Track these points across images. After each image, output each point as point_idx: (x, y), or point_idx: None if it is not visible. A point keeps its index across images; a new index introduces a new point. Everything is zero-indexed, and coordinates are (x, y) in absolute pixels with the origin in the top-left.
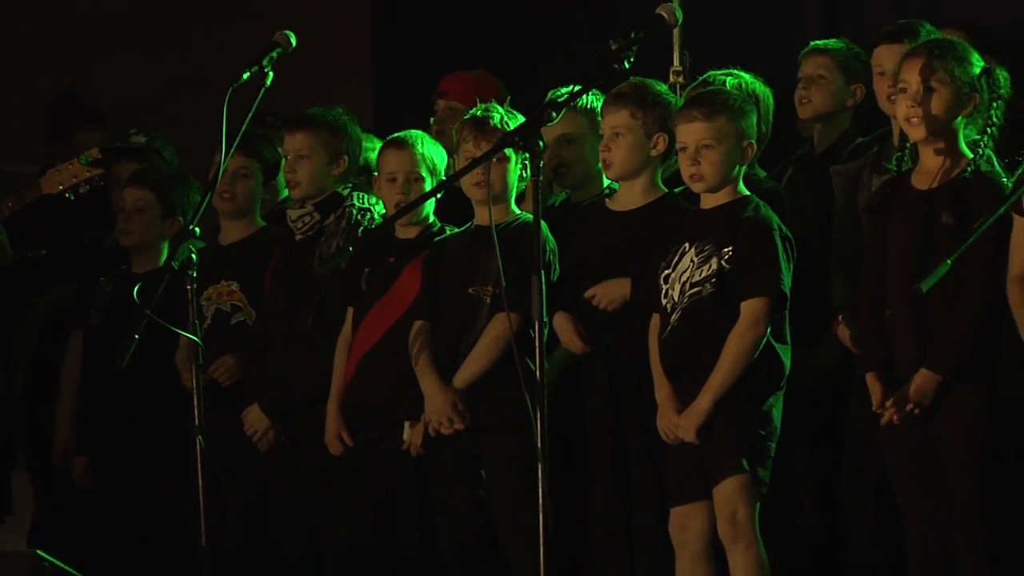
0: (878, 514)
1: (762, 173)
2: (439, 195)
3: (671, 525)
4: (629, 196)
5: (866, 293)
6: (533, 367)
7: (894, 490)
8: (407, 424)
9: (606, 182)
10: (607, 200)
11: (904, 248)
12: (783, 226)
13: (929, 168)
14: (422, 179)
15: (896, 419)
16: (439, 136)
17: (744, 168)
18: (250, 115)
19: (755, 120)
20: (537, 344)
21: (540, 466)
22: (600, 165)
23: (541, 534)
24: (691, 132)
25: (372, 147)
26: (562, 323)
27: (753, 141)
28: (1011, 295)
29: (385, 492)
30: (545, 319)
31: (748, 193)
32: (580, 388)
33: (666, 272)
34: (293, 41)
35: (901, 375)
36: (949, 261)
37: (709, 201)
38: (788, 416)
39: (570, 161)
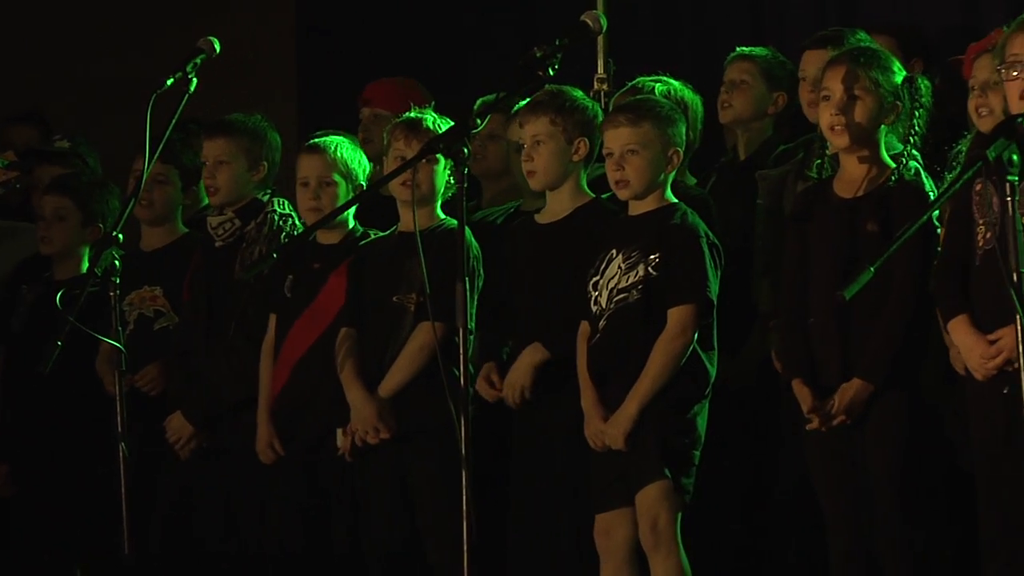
0: (801, 519)
1: (692, 180)
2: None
3: (595, 532)
4: (557, 205)
5: (788, 300)
6: (458, 375)
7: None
8: (339, 431)
9: None
10: (535, 215)
11: (827, 256)
12: (710, 233)
13: (851, 176)
14: (334, 184)
15: (824, 428)
16: (365, 144)
17: (671, 175)
18: (173, 121)
19: (683, 128)
20: (462, 352)
21: (464, 474)
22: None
23: (465, 542)
24: (617, 138)
25: None
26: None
27: (680, 149)
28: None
29: (317, 499)
30: (471, 326)
31: (675, 200)
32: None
33: (594, 279)
34: (217, 47)
35: (826, 382)
36: (872, 269)
37: (636, 208)
38: (714, 422)
39: (489, 169)
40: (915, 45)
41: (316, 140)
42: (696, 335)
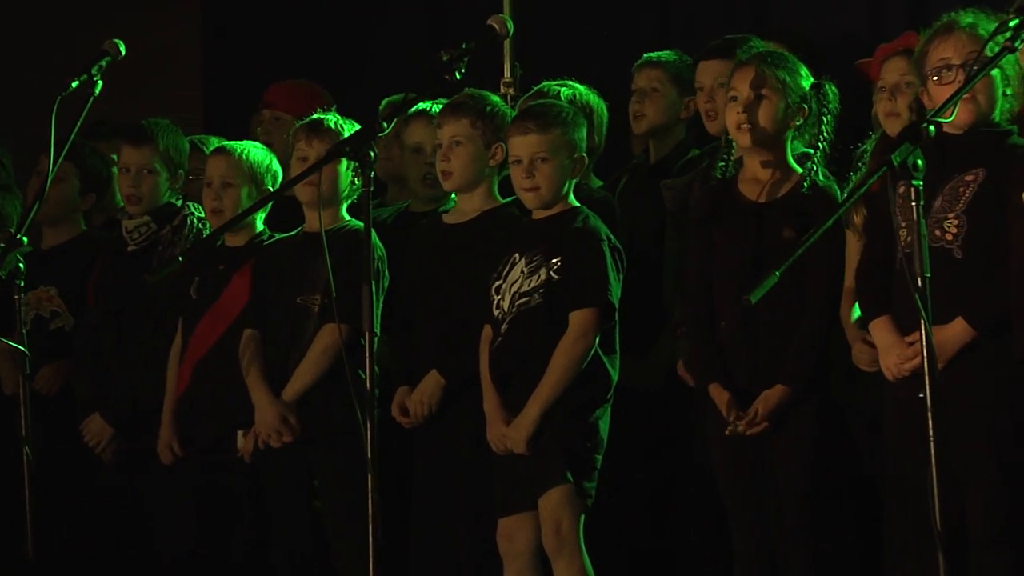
0: (707, 522)
1: (597, 183)
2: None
3: (498, 536)
4: (467, 207)
5: (695, 304)
6: (364, 377)
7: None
8: (240, 433)
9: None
10: (444, 215)
11: (734, 259)
12: (612, 237)
13: (756, 178)
14: (236, 187)
15: (748, 434)
16: (268, 147)
17: (574, 180)
18: (79, 123)
19: (585, 133)
20: (367, 354)
21: (370, 477)
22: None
23: (371, 546)
24: (526, 145)
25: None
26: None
27: (584, 154)
28: (843, 308)
29: (220, 501)
30: (376, 329)
31: (578, 204)
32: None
33: (497, 283)
34: (123, 50)
35: (736, 387)
36: (777, 273)
37: (539, 212)
38: (622, 427)
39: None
40: (807, 51)
41: (225, 143)
42: (598, 339)
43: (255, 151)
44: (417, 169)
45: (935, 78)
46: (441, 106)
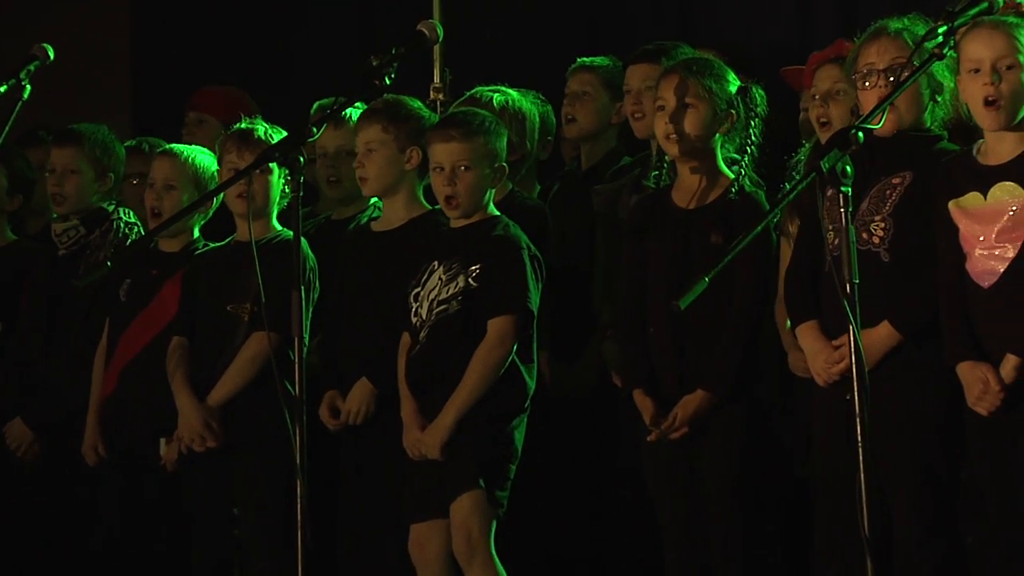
0: (637, 528)
1: (538, 188)
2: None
3: (410, 543)
4: (392, 215)
5: (627, 311)
6: (292, 385)
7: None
8: (163, 441)
9: (373, 199)
10: (372, 222)
11: (664, 266)
12: (531, 245)
13: (688, 186)
14: (177, 189)
15: (667, 439)
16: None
17: (494, 189)
18: (8, 127)
19: (506, 142)
20: (297, 362)
21: (299, 484)
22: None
23: (299, 553)
24: (448, 152)
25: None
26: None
27: (504, 163)
28: (777, 314)
29: (142, 506)
30: (306, 337)
31: (497, 213)
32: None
33: (415, 290)
34: (51, 54)
35: (665, 393)
36: (707, 279)
37: (458, 220)
38: (544, 433)
39: (343, 173)
40: (738, 58)
41: (171, 145)
42: (515, 346)
43: (201, 157)
44: (322, 171)
45: (863, 83)
46: (354, 110)
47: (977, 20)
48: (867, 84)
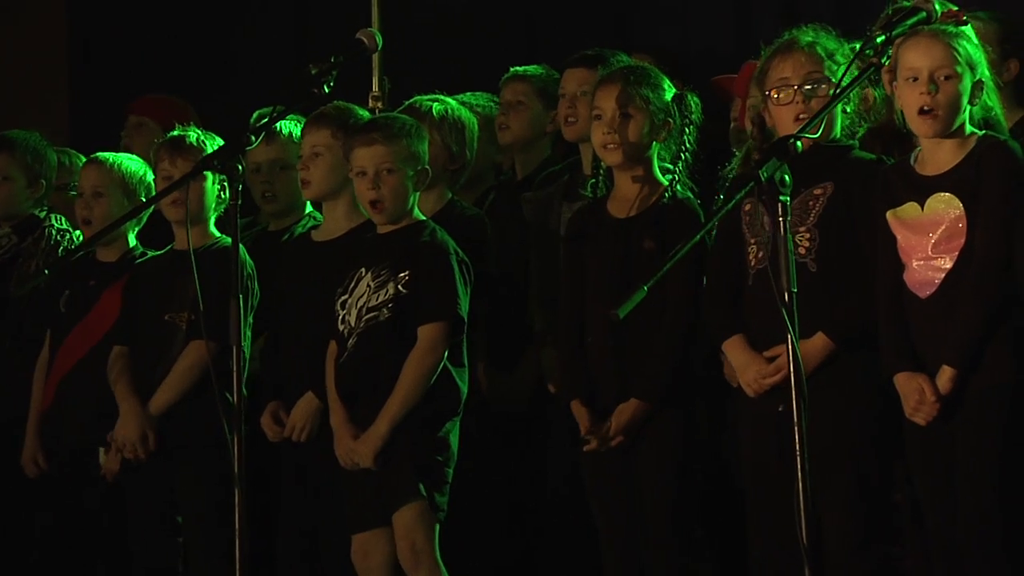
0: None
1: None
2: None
3: (353, 553)
4: (332, 224)
5: (565, 321)
6: (231, 393)
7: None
8: (101, 450)
9: (308, 209)
10: (313, 231)
11: (602, 276)
12: (459, 250)
13: (625, 195)
14: (106, 195)
15: (602, 449)
16: (127, 151)
17: (417, 194)
18: None
19: (427, 146)
20: (235, 369)
21: (237, 492)
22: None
23: (238, 561)
24: (371, 156)
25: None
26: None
27: (427, 167)
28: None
29: (81, 517)
30: (246, 346)
31: (424, 218)
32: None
33: (343, 298)
34: None
35: (604, 403)
36: (645, 288)
37: (385, 226)
38: (486, 441)
39: (279, 188)
40: (673, 66)
41: (98, 154)
42: (447, 352)
43: (129, 162)
44: (257, 187)
45: (775, 96)
46: (288, 123)
47: (916, 29)
48: (782, 98)
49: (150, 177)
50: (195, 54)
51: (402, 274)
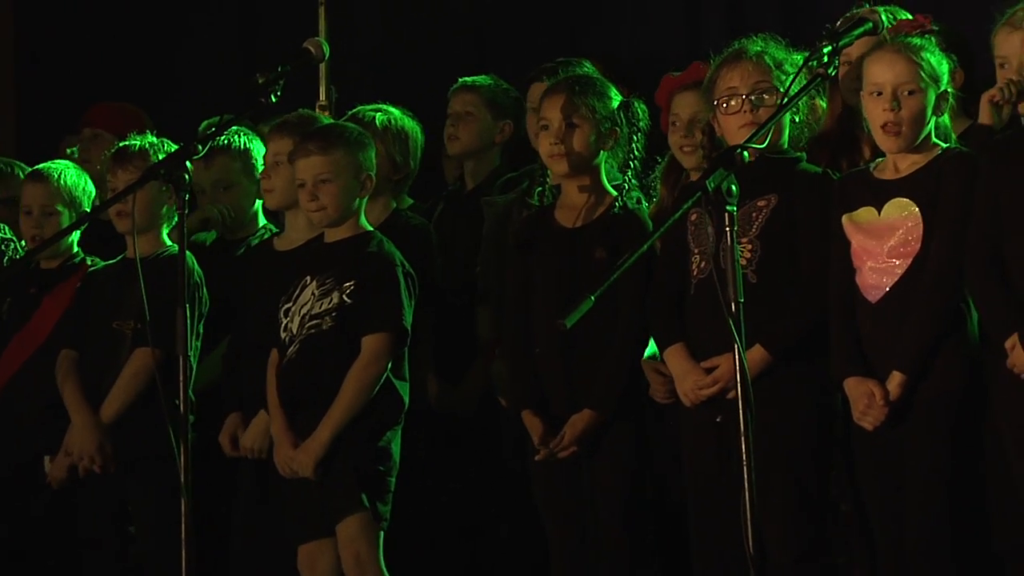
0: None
1: (408, 202)
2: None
3: (299, 563)
4: (294, 232)
5: (513, 330)
6: (178, 401)
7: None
8: (47, 459)
9: (262, 222)
10: (275, 240)
11: (551, 285)
12: (405, 262)
13: (573, 204)
14: (57, 214)
15: (555, 459)
16: (83, 164)
17: (364, 201)
18: None
19: (373, 153)
20: (182, 378)
21: (183, 502)
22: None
23: (184, 570)
24: (308, 167)
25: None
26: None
27: (372, 174)
28: None
29: (29, 526)
30: (191, 353)
31: (370, 228)
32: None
33: (286, 305)
34: None
35: (553, 412)
36: (592, 297)
37: (332, 235)
38: (434, 451)
39: (228, 207)
40: (623, 72)
41: (40, 168)
42: (390, 364)
43: (70, 173)
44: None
45: (723, 106)
46: (221, 140)
47: (881, 41)
48: (730, 108)
49: (90, 186)
50: (141, 63)
51: (347, 284)
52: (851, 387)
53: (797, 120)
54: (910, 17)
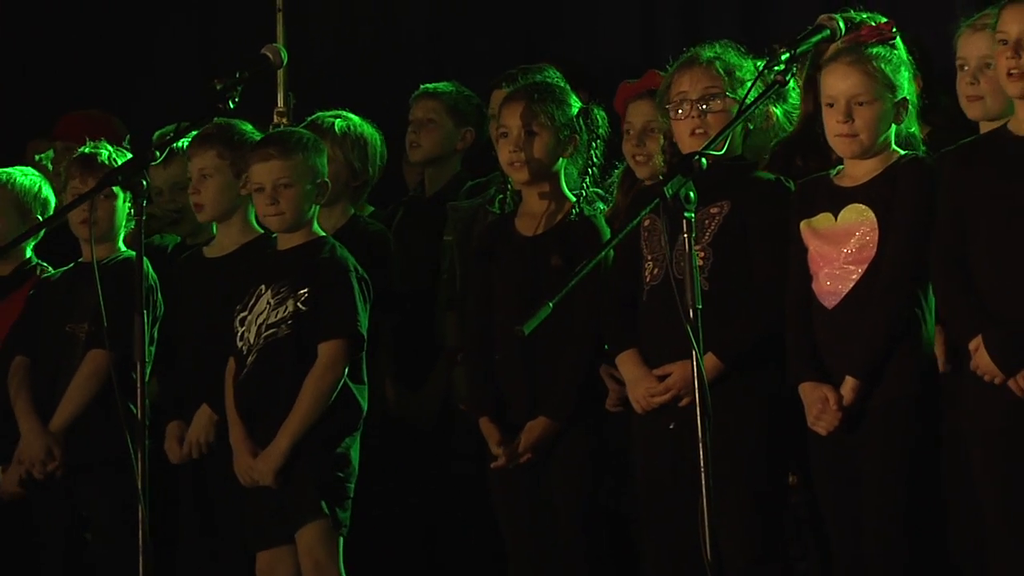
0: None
1: (368, 209)
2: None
3: (258, 571)
4: (225, 239)
5: (473, 337)
6: (134, 406)
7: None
8: (0, 468)
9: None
10: (204, 247)
11: (510, 292)
12: (359, 267)
13: (533, 211)
14: (3, 218)
15: (511, 466)
16: (57, 178)
17: (317, 208)
18: None
19: (326, 159)
20: (139, 383)
21: (140, 508)
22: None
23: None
24: (268, 171)
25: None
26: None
27: (326, 180)
28: None
29: None
30: (148, 357)
31: (323, 234)
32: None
33: (242, 315)
34: None
35: (514, 419)
36: (551, 304)
37: (285, 242)
38: (396, 456)
39: (185, 207)
40: (582, 78)
41: None
42: (347, 369)
43: (22, 178)
44: (160, 209)
45: (676, 112)
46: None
47: (839, 52)
48: (680, 113)
49: (46, 191)
50: (98, 70)
51: (302, 291)
52: (806, 392)
53: (752, 128)
54: (873, 22)
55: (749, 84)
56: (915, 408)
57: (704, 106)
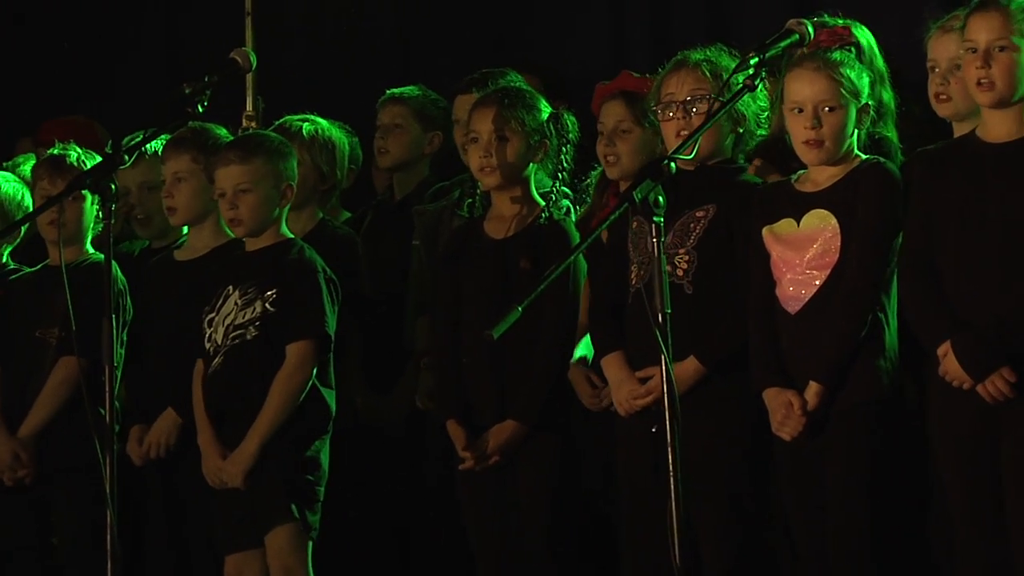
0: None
1: (345, 215)
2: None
3: (226, 574)
4: (197, 242)
5: (441, 340)
6: (103, 411)
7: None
8: None
9: (185, 229)
10: (175, 251)
11: (479, 295)
12: (327, 268)
13: (503, 215)
14: None
15: (478, 469)
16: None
17: (286, 210)
18: None
19: (294, 163)
20: (108, 388)
21: (109, 513)
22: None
23: None
24: (228, 176)
25: None
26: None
27: (292, 183)
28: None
29: None
30: (117, 363)
31: (291, 236)
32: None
33: (210, 316)
34: None
35: (481, 422)
36: (519, 308)
37: (253, 244)
38: (362, 460)
39: (151, 209)
40: (558, 84)
41: None
42: (315, 370)
43: (6, 185)
44: (128, 212)
45: (664, 114)
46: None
47: (802, 58)
48: (668, 115)
49: (28, 200)
50: (67, 75)
51: (269, 292)
52: (770, 398)
53: (740, 131)
54: (839, 24)
55: (720, 89)
56: (877, 413)
57: (692, 108)
